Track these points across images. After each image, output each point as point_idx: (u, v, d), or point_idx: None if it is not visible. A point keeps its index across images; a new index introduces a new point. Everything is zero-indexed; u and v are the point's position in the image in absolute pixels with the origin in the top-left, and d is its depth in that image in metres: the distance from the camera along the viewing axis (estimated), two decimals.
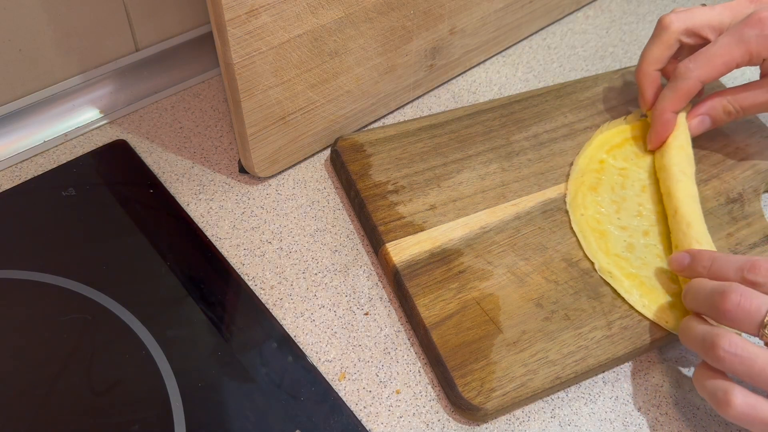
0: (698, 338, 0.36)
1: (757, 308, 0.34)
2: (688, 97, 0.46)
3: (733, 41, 0.43)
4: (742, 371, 0.34)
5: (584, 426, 0.39)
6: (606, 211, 0.46)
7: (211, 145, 0.51)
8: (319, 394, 0.39)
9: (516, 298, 0.42)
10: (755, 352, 0.34)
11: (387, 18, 0.46)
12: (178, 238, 0.45)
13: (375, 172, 0.47)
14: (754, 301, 0.34)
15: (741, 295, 0.34)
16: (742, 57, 0.44)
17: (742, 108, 0.46)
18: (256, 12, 0.39)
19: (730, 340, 0.34)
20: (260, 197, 0.48)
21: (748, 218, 0.47)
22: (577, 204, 0.46)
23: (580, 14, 0.64)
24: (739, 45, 0.43)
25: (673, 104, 0.46)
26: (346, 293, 0.43)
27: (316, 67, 0.45)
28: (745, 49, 0.43)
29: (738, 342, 0.34)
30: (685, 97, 0.46)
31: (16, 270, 0.42)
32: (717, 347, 0.34)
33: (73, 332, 0.40)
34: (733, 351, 0.34)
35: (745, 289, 0.35)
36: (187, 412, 0.37)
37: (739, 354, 0.34)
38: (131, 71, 0.53)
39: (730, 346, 0.34)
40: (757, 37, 0.43)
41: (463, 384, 0.38)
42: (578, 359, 0.39)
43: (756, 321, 0.34)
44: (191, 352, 0.40)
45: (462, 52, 0.55)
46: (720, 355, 0.34)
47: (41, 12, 0.46)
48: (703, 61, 0.44)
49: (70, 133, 0.50)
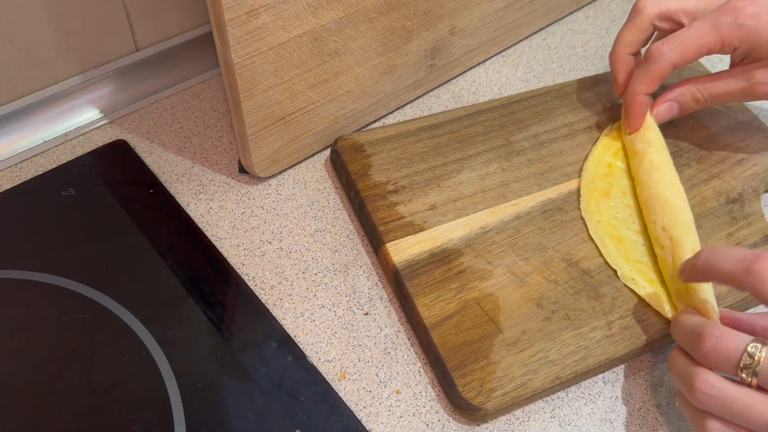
0: (680, 375, 0.36)
1: (734, 350, 0.33)
2: (660, 80, 0.46)
3: (707, 27, 0.44)
4: (720, 411, 0.34)
5: (584, 426, 0.39)
6: (621, 216, 0.46)
7: (211, 145, 0.51)
8: (319, 394, 0.39)
9: (516, 298, 0.42)
10: (732, 393, 0.33)
11: (387, 18, 0.46)
12: (178, 238, 0.45)
13: (375, 172, 0.47)
14: (731, 343, 0.34)
15: (716, 338, 0.34)
16: (714, 43, 0.44)
17: (710, 96, 0.47)
18: (256, 12, 0.39)
19: (705, 382, 0.34)
20: (260, 197, 0.48)
21: (748, 218, 0.47)
22: (591, 211, 0.46)
23: (580, 14, 0.64)
24: (713, 31, 0.44)
25: (645, 86, 0.47)
26: (346, 293, 0.43)
27: (316, 67, 0.45)
28: (718, 36, 0.43)
29: (714, 383, 0.34)
30: (658, 79, 0.46)
31: (16, 270, 0.42)
32: (694, 389, 0.34)
33: (73, 332, 0.40)
34: (709, 392, 0.34)
35: (721, 330, 0.34)
36: (187, 412, 0.37)
37: (715, 395, 0.33)
38: (131, 71, 0.53)
39: (706, 387, 0.34)
40: (730, 24, 0.43)
41: (463, 384, 0.38)
42: (578, 359, 0.39)
43: (732, 363, 0.33)
44: (191, 352, 0.40)
45: (462, 52, 0.55)
46: (698, 397, 0.34)
47: (41, 12, 0.46)
48: (677, 44, 0.44)
49: (70, 133, 0.50)
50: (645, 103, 0.48)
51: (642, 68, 0.47)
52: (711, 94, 0.46)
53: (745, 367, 0.33)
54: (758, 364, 0.33)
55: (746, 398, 0.33)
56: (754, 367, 0.33)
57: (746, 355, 0.33)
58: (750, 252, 0.35)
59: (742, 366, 0.33)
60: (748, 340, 0.33)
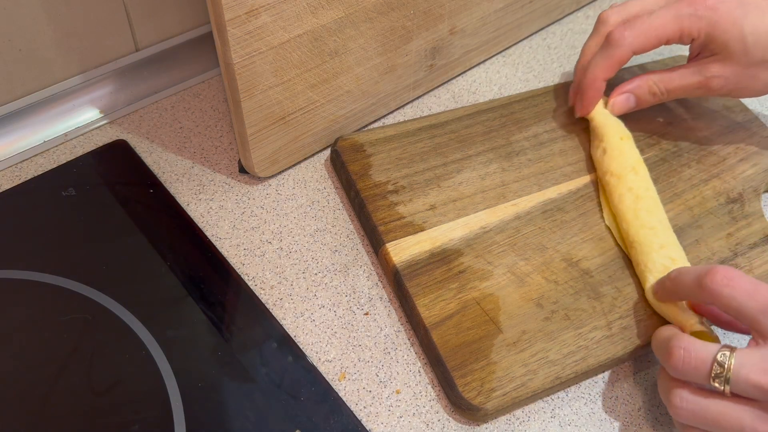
0: (661, 392, 0.37)
1: (703, 361, 0.34)
2: (619, 65, 0.47)
3: (670, 16, 0.45)
4: (697, 423, 0.34)
5: (584, 426, 0.39)
6: None
7: (211, 145, 0.51)
8: (319, 394, 0.39)
9: (516, 298, 0.42)
10: (706, 405, 0.34)
11: (387, 18, 0.46)
12: (178, 238, 0.45)
13: (375, 172, 0.47)
14: (699, 354, 0.34)
15: (683, 350, 0.34)
16: (674, 32, 0.45)
17: (667, 90, 0.47)
18: (256, 12, 0.39)
19: (680, 396, 0.35)
20: (260, 197, 0.48)
21: (748, 218, 0.47)
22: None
23: (580, 14, 0.64)
24: (674, 20, 0.45)
25: (604, 71, 0.47)
26: (346, 293, 0.43)
27: (316, 67, 0.45)
28: (678, 25, 0.45)
29: (687, 397, 0.34)
30: (617, 64, 0.47)
31: (16, 270, 0.42)
32: (671, 404, 0.35)
33: (73, 332, 0.40)
34: (683, 406, 0.34)
35: (688, 341, 0.35)
36: (187, 412, 0.37)
37: (690, 408, 0.34)
38: (131, 71, 0.53)
39: (681, 401, 0.35)
40: (690, 16, 0.44)
41: (463, 384, 0.38)
42: (578, 359, 0.39)
43: (703, 374, 0.34)
44: (191, 352, 0.40)
45: (462, 52, 0.55)
46: (675, 411, 0.35)
47: (41, 12, 0.46)
48: (638, 30, 0.45)
49: (70, 133, 0.50)
50: (601, 88, 0.48)
51: (602, 53, 0.47)
52: (667, 88, 0.47)
53: (716, 377, 0.33)
54: (728, 371, 0.33)
55: (719, 407, 0.33)
56: (725, 374, 0.33)
57: (716, 364, 0.33)
58: (704, 268, 0.36)
59: (713, 375, 0.33)
60: (716, 349, 0.33)
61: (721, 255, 0.45)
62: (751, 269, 0.44)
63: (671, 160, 0.50)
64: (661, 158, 0.50)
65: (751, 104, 0.55)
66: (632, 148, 0.47)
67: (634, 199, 0.44)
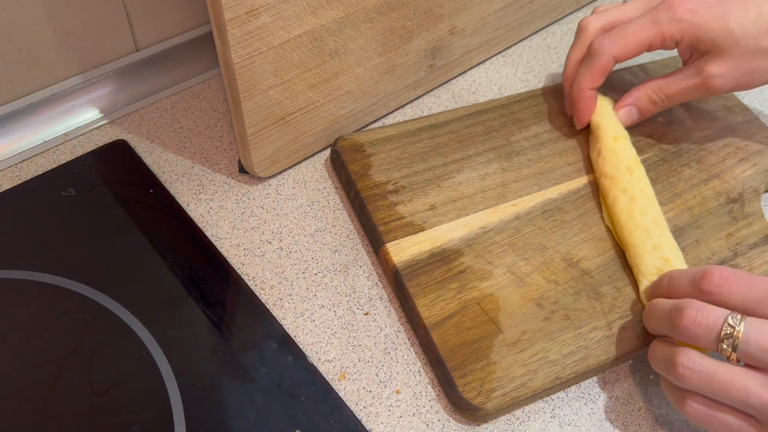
0: (660, 359, 0.36)
1: (714, 322, 0.34)
2: (603, 74, 0.47)
3: (647, 21, 0.45)
4: (702, 387, 0.34)
5: (584, 426, 0.39)
6: None
7: (211, 145, 0.51)
8: (319, 394, 0.39)
9: (516, 298, 0.42)
10: (714, 368, 0.33)
11: (387, 18, 0.46)
12: (178, 238, 0.45)
13: (375, 172, 0.47)
14: (710, 315, 0.34)
15: (696, 310, 0.34)
16: (655, 38, 0.45)
17: (666, 96, 0.47)
18: (256, 12, 0.39)
19: (688, 357, 0.34)
20: (260, 197, 0.48)
21: (748, 218, 0.47)
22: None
23: (580, 14, 0.64)
24: (652, 26, 0.45)
25: (589, 81, 0.48)
26: (346, 293, 0.43)
27: (316, 67, 0.45)
28: (657, 30, 0.45)
29: (696, 358, 0.34)
30: (601, 73, 0.47)
31: (16, 270, 0.42)
32: (676, 365, 0.34)
33: (73, 332, 0.40)
34: (692, 366, 0.34)
35: (700, 304, 0.35)
36: (187, 412, 0.37)
37: (698, 369, 0.34)
38: (131, 71, 0.53)
39: (689, 362, 0.34)
40: (669, 20, 0.44)
41: (463, 384, 0.38)
42: (578, 359, 0.39)
43: (713, 335, 0.34)
44: (191, 352, 0.40)
45: (462, 52, 0.55)
46: (680, 372, 0.34)
47: (41, 12, 0.46)
48: (618, 38, 0.46)
49: (70, 133, 0.50)
50: (591, 97, 0.49)
51: (585, 63, 0.48)
52: (666, 94, 0.47)
53: (726, 337, 0.33)
54: (738, 334, 0.33)
55: (728, 372, 0.33)
56: (734, 336, 0.33)
57: (726, 325, 0.33)
58: (699, 270, 0.36)
59: (723, 336, 0.33)
60: (727, 313, 0.34)
61: (721, 255, 0.45)
62: (751, 269, 0.44)
63: (671, 160, 0.50)
64: (660, 158, 0.50)
65: (751, 104, 0.55)
66: (627, 147, 0.47)
67: (628, 201, 0.44)
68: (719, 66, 0.45)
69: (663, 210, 0.45)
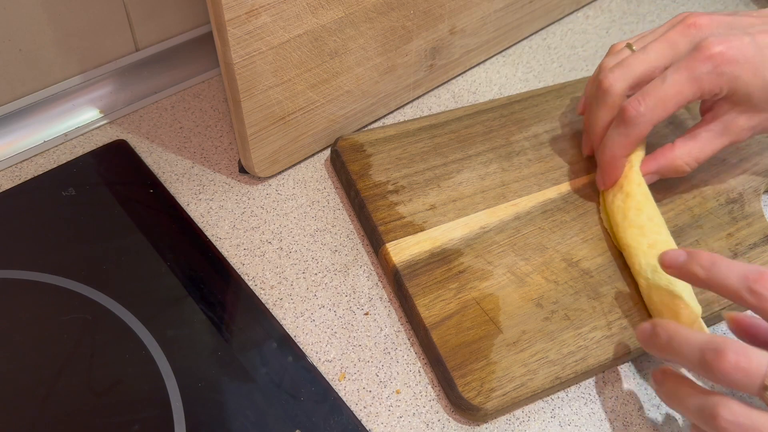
0: (695, 408, 0.33)
1: (757, 367, 0.30)
2: (639, 142, 0.44)
3: (685, 79, 0.40)
4: None
5: (584, 426, 0.39)
6: None
7: (211, 145, 0.51)
8: (319, 394, 0.39)
9: (516, 298, 0.42)
10: (762, 422, 0.30)
11: (387, 18, 0.46)
12: (178, 238, 0.45)
13: (375, 172, 0.47)
14: (753, 359, 0.31)
15: (738, 354, 0.31)
16: (694, 95, 0.41)
17: (697, 161, 0.44)
18: (256, 12, 0.39)
19: (731, 410, 0.31)
20: (260, 197, 0.48)
21: (748, 218, 0.47)
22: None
23: (580, 14, 0.64)
24: (692, 84, 0.40)
25: (623, 150, 0.44)
26: (346, 293, 0.43)
27: (316, 67, 0.45)
28: (697, 87, 0.40)
29: (740, 411, 0.31)
30: (637, 142, 0.43)
31: (16, 270, 0.42)
32: (718, 417, 0.31)
33: (73, 332, 0.40)
34: (735, 420, 0.31)
35: (741, 345, 0.31)
36: (187, 412, 0.37)
37: (743, 423, 0.31)
38: (131, 71, 0.53)
39: (732, 415, 0.31)
40: (708, 74, 0.40)
41: (463, 384, 0.38)
42: (578, 359, 0.39)
43: (756, 383, 0.30)
44: (191, 352, 0.40)
45: (462, 52, 0.55)
46: (722, 426, 0.31)
47: (41, 12, 0.46)
48: (655, 102, 0.41)
49: (70, 133, 0.50)
50: (623, 165, 0.44)
51: (620, 131, 0.43)
52: (698, 159, 0.44)
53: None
54: None
55: None
56: None
57: None
58: (752, 269, 0.33)
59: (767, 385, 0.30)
60: None
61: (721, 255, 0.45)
62: None
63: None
64: None
65: None
66: None
67: (623, 198, 0.44)
68: (750, 119, 0.42)
69: (662, 210, 0.45)
